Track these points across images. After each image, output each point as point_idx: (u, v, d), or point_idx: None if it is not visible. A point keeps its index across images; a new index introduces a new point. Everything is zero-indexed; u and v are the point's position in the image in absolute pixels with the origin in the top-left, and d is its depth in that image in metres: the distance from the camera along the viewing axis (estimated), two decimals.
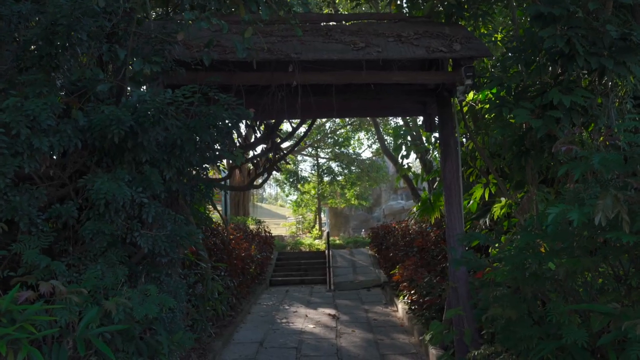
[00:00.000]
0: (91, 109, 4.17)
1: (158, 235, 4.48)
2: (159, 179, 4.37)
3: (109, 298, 3.89)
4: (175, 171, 4.69)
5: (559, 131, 5.29)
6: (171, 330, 4.97)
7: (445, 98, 6.65)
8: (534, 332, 3.90)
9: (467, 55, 5.95)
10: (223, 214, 17.72)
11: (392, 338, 8.28)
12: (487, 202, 8.31)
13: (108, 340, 4.12)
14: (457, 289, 6.32)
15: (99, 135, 4.16)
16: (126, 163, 4.38)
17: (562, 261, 3.60)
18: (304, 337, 8.42)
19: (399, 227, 15.76)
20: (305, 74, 5.95)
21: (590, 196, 3.51)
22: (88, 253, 4.44)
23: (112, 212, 4.19)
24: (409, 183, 18.17)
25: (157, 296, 4.30)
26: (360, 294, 12.86)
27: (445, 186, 6.63)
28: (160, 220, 4.58)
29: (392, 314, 10.23)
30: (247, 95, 6.06)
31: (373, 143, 30.36)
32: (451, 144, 6.63)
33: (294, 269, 16.27)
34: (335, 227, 32.51)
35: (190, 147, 4.51)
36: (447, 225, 6.60)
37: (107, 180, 4.02)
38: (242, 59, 5.53)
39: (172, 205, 5.71)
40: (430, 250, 11.59)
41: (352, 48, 5.95)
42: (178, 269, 5.49)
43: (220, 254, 10.14)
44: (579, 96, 5.18)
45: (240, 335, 8.57)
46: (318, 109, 7.29)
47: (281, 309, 10.92)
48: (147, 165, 4.36)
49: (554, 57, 5.31)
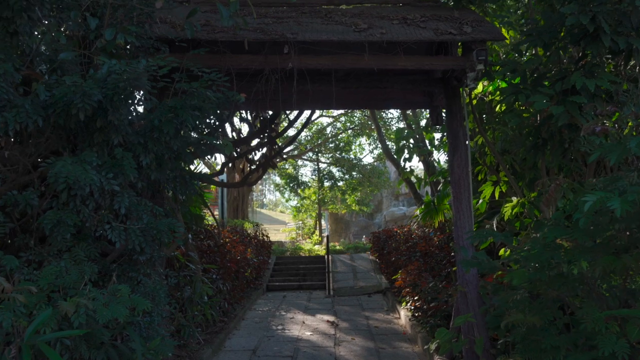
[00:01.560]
0: (54, 82, 3.65)
1: (132, 228, 3.95)
2: (133, 164, 3.84)
3: (69, 299, 3.37)
4: (154, 157, 4.17)
5: (582, 119, 4.77)
6: (148, 336, 4.44)
7: (454, 87, 6.14)
8: (562, 341, 3.36)
9: (478, 38, 5.44)
10: (220, 217, 17.23)
11: (394, 347, 7.73)
12: (496, 202, 7.78)
13: (70, 347, 3.60)
14: (466, 294, 5.78)
15: (63, 113, 3.64)
16: (96, 145, 3.86)
17: (599, 260, 3.05)
18: (301, 345, 7.87)
19: (400, 232, 15.23)
20: (302, 58, 5.45)
21: (632, 183, 2.98)
22: (52, 248, 3.92)
23: (77, 201, 3.67)
24: (412, 187, 17.67)
25: (128, 298, 3.78)
26: (361, 300, 12.30)
27: (453, 182, 6.11)
28: (135, 212, 4.06)
29: (394, 321, 9.67)
30: (239, 80, 5.56)
31: (374, 148, 29.99)
32: (460, 136, 6.11)
33: (292, 274, 15.71)
34: (335, 233, 31.97)
35: (169, 129, 3.98)
36: (455, 223, 6.07)
37: (71, 164, 3.50)
38: (232, 38, 5.04)
39: (154, 199, 5.20)
40: (435, 254, 11.06)
41: (353, 30, 5.45)
42: (159, 268, 4.96)
43: (214, 256, 9.62)
44: (604, 80, 4.67)
45: (232, 343, 8.02)
46: (315, 99, 6.81)
47: (277, 315, 10.36)
48: (119, 149, 3.83)
49: (577, 37, 4.80)
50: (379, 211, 35.04)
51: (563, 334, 3.53)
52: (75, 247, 3.98)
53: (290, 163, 30.40)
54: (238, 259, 11.19)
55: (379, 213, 34.75)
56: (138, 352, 4.02)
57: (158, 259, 4.82)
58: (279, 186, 32.34)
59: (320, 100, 6.73)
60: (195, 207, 8.81)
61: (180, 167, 4.65)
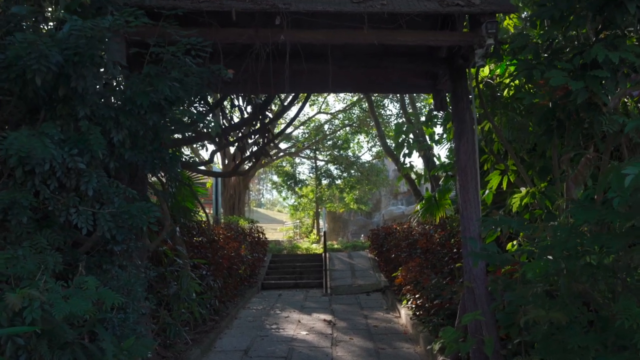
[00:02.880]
0: (9, 42, 3.17)
1: (101, 213, 3.49)
2: (101, 139, 3.38)
3: (18, 290, 2.90)
4: (127, 134, 3.70)
5: (603, 96, 4.32)
6: (122, 335, 3.98)
7: (459, 67, 5.69)
8: (591, 340, 2.90)
9: (487, 10, 4.99)
10: (214, 213, 16.75)
11: (394, 347, 7.27)
12: (501, 195, 7.32)
13: (28, 347, 3.15)
14: (474, 290, 5.33)
15: (19, 79, 3.17)
16: (60, 119, 3.40)
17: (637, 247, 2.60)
18: (296, 345, 7.41)
19: (400, 229, 14.76)
20: (296, 32, 5.00)
21: None
22: (10, 234, 3.45)
23: (36, 180, 3.21)
24: (411, 183, 17.24)
25: (95, 291, 3.32)
26: (359, 298, 11.84)
27: (459, 169, 5.66)
28: (106, 195, 3.60)
29: (394, 320, 9.22)
30: (226, 58, 5.10)
31: (373, 146, 29.57)
32: (467, 120, 5.66)
33: (288, 272, 15.24)
34: (333, 232, 31.51)
35: (143, 101, 3.52)
36: (461, 214, 5.62)
37: (27, 136, 3.03)
38: (218, 8, 4.58)
39: (133, 184, 4.73)
40: (436, 251, 10.60)
41: (351, 0, 5.00)
42: (137, 260, 4.50)
43: (205, 252, 9.15)
44: (629, 52, 4.22)
45: (223, 343, 7.56)
46: (310, 81, 6.35)
47: (272, 314, 9.90)
48: (84, 121, 3.36)
49: (598, 4, 4.35)
50: (378, 210, 34.66)
51: (591, 333, 3.07)
52: (38, 233, 3.52)
53: (287, 161, 29.95)
54: (232, 255, 10.71)
55: (378, 212, 34.35)
56: (108, 353, 3.57)
57: (135, 250, 4.36)
58: (276, 184, 31.84)
59: (316, 82, 6.26)
60: (185, 199, 8.34)
61: (159, 147, 4.18)
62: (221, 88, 5.95)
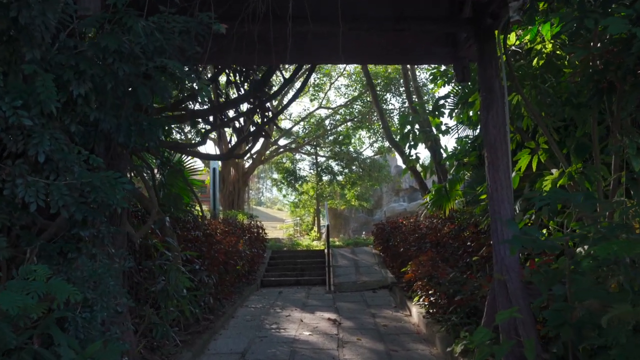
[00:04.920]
0: None
1: (55, 184, 2.74)
2: (52, 88, 2.63)
3: None
4: (92, 87, 2.95)
5: None
6: (87, 337, 3.23)
7: (488, 28, 4.95)
8: None
9: None
10: (211, 208, 16.02)
11: (407, 349, 6.53)
12: (528, 177, 6.57)
13: None
14: (506, 283, 4.59)
15: None
16: (1, 61, 2.65)
17: None
18: (298, 346, 6.67)
19: (406, 223, 14.03)
20: None
21: None
22: None
23: None
24: (417, 176, 16.53)
25: (44, 283, 2.57)
26: (365, 296, 11.10)
27: (487, 145, 4.92)
28: (62, 162, 2.84)
29: (404, 319, 8.47)
30: (217, 10, 4.36)
31: (375, 141, 28.84)
32: (495, 89, 4.92)
33: (289, 269, 14.49)
34: (334, 228, 30.78)
35: (110, 43, 2.77)
36: (490, 196, 4.87)
37: None
38: None
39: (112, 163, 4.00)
40: (448, 244, 9.87)
41: None
42: (110, 248, 3.75)
43: (200, 246, 8.41)
44: None
45: (217, 344, 6.82)
46: (317, 49, 5.59)
47: (272, 313, 9.15)
48: (31, 66, 2.61)
49: None
50: (379, 207, 34.04)
51: None
52: None
53: (287, 157, 29.23)
54: (229, 249, 9.97)
55: (379, 209, 33.71)
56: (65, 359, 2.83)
57: (108, 235, 3.61)
58: (276, 181, 31.10)
59: (323, 51, 5.50)
60: (176, 187, 7.59)
61: (135, 110, 3.44)
62: (213, 56, 5.20)
